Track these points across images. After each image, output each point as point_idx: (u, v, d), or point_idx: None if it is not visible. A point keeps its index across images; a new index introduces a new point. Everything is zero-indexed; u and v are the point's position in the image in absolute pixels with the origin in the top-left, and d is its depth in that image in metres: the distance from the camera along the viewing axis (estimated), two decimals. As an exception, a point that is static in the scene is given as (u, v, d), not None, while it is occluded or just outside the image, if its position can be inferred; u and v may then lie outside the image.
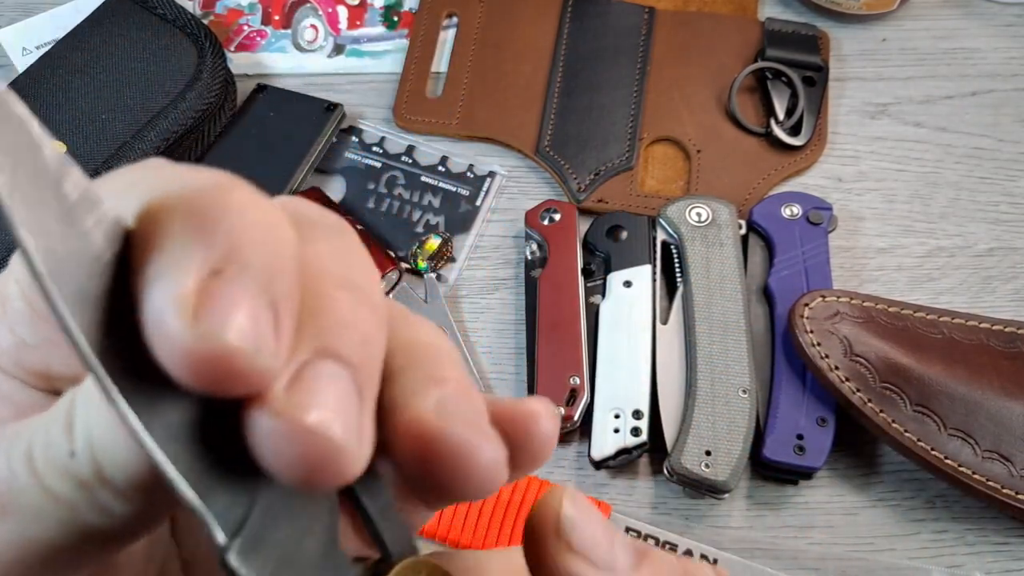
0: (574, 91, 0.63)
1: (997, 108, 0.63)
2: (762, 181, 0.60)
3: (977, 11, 0.66)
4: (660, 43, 0.64)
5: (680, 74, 0.63)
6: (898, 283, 0.57)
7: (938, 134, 0.62)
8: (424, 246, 0.58)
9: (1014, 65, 0.64)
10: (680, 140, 0.61)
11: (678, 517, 0.51)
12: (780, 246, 0.55)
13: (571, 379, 0.52)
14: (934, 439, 0.48)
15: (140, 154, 0.56)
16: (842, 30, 0.66)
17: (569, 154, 0.61)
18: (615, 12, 0.65)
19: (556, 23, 0.65)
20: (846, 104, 0.63)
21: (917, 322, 0.51)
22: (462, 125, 0.62)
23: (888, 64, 0.65)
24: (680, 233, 0.55)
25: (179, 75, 0.59)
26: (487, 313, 0.57)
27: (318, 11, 0.67)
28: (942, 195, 0.60)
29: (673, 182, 0.60)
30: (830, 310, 0.51)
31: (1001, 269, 0.58)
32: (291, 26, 0.67)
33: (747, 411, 0.50)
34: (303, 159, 0.59)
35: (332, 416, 0.15)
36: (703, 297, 0.53)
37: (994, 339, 0.51)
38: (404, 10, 0.67)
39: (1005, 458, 0.48)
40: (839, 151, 0.61)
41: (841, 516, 0.51)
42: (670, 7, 0.66)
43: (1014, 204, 0.60)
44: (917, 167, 0.61)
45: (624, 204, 0.59)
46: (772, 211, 0.57)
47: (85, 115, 0.57)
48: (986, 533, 0.50)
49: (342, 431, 0.15)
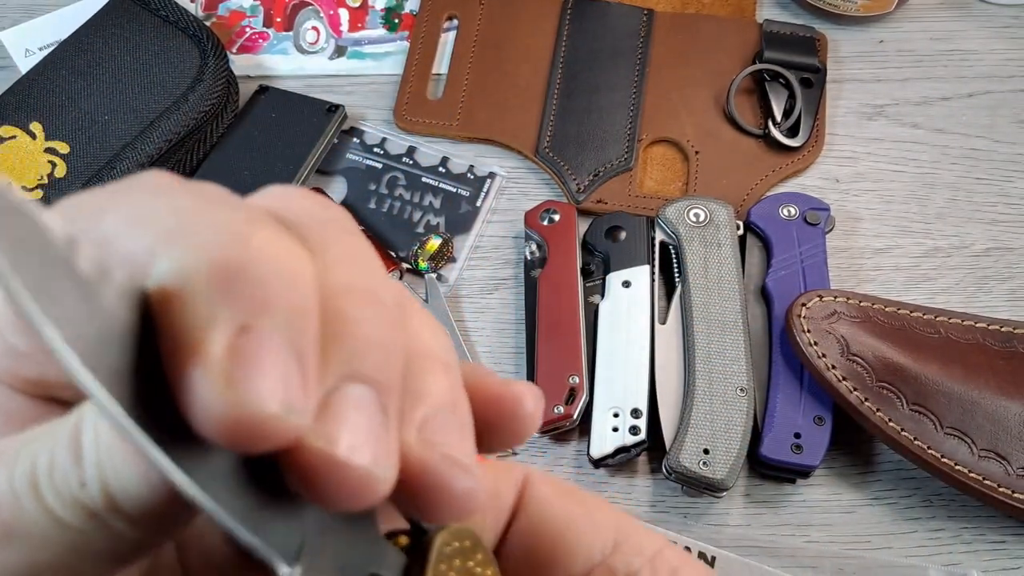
0: (573, 93, 0.63)
1: (994, 109, 0.63)
2: (760, 182, 0.60)
3: (974, 13, 0.67)
4: (659, 45, 0.65)
5: (679, 76, 0.64)
6: (895, 283, 0.58)
7: (935, 135, 0.62)
8: (425, 246, 0.58)
9: (1011, 67, 0.65)
10: (679, 141, 0.62)
11: (676, 515, 0.51)
12: (778, 246, 0.56)
13: (570, 378, 0.52)
14: (931, 438, 0.49)
15: (142, 155, 0.56)
16: (840, 32, 0.66)
17: (568, 155, 0.61)
18: (614, 14, 0.66)
19: (556, 25, 0.66)
20: (843, 105, 0.63)
21: (914, 322, 0.52)
22: (462, 126, 0.63)
23: (885, 66, 0.65)
24: (678, 233, 0.55)
25: (181, 77, 0.59)
26: (487, 313, 0.57)
27: (320, 13, 0.67)
28: (939, 196, 0.60)
29: (672, 183, 0.61)
30: (827, 310, 0.51)
31: (997, 269, 0.58)
32: (293, 28, 0.67)
33: (745, 410, 0.50)
34: (304, 160, 0.59)
35: (362, 443, 0.15)
36: (701, 297, 0.53)
37: (990, 339, 0.52)
38: (405, 12, 0.67)
39: (1001, 457, 0.48)
40: (836, 152, 0.62)
41: (838, 514, 0.51)
42: (669, 9, 0.66)
43: (1010, 205, 0.60)
44: (914, 168, 0.61)
45: (623, 205, 0.59)
46: (770, 212, 0.57)
47: (87, 116, 0.57)
48: (982, 531, 0.50)
49: (371, 458, 0.15)
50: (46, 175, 0.56)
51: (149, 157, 0.57)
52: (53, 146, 0.57)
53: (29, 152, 0.56)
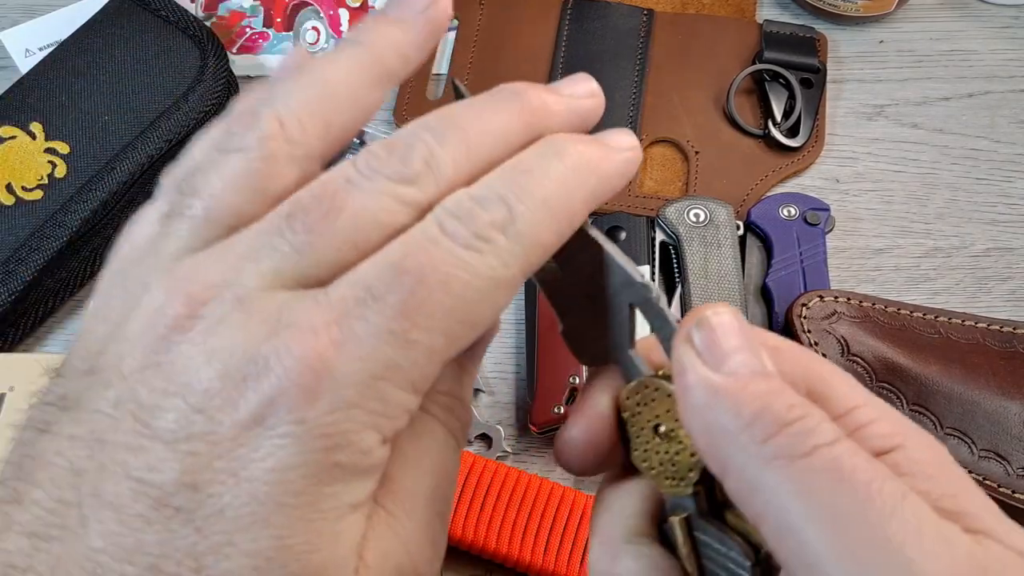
0: (573, 93, 0.63)
1: (994, 110, 0.63)
2: (760, 182, 0.60)
3: (974, 13, 0.67)
4: (659, 45, 0.65)
5: (679, 76, 0.64)
6: (895, 283, 0.58)
7: (935, 135, 0.62)
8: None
9: (1011, 67, 0.65)
10: (679, 141, 0.62)
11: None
12: (778, 246, 0.56)
13: (571, 378, 0.52)
14: (931, 438, 0.49)
15: (142, 155, 0.56)
16: (840, 32, 0.66)
17: (568, 155, 0.61)
18: (614, 14, 0.66)
19: (555, 25, 0.66)
20: (843, 106, 0.63)
21: (914, 322, 0.52)
22: (462, 126, 0.62)
23: (885, 66, 0.65)
24: (678, 233, 0.55)
25: (181, 77, 0.59)
26: (487, 313, 0.57)
27: (320, 13, 0.67)
28: (939, 196, 0.60)
29: (672, 183, 0.61)
30: (827, 310, 0.51)
31: (997, 269, 0.58)
32: (293, 28, 0.67)
33: (745, 410, 0.50)
34: (304, 160, 0.59)
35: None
36: (701, 297, 0.53)
37: (990, 339, 0.52)
38: (405, 12, 0.67)
39: (1001, 457, 0.48)
40: (836, 152, 0.62)
41: (838, 514, 0.51)
42: (669, 9, 0.66)
43: (1010, 205, 0.60)
44: (914, 168, 0.61)
45: (623, 205, 0.59)
46: (770, 212, 0.57)
47: (88, 117, 0.57)
48: (982, 531, 0.50)
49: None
50: (46, 175, 0.56)
51: (149, 157, 0.57)
52: (53, 146, 0.57)
53: (29, 152, 0.56)
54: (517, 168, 0.23)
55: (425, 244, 0.21)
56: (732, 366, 0.21)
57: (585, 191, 0.23)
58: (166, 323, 0.21)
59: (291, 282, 0.21)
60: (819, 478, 0.19)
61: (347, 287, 0.21)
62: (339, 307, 0.21)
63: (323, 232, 0.21)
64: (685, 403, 0.21)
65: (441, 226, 0.21)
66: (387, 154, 0.22)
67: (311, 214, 0.21)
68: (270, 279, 0.21)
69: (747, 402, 0.20)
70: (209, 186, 0.22)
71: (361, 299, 0.21)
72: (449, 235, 0.21)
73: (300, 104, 0.23)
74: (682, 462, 0.23)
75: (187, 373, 0.20)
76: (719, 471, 0.21)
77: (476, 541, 0.48)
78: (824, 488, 0.19)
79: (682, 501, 0.23)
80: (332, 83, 0.24)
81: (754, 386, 0.21)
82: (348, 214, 0.21)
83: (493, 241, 0.21)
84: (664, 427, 0.24)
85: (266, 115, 0.23)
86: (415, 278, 0.21)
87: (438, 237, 0.21)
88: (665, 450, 0.23)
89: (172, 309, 0.21)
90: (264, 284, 0.21)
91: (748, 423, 0.20)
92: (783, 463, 0.19)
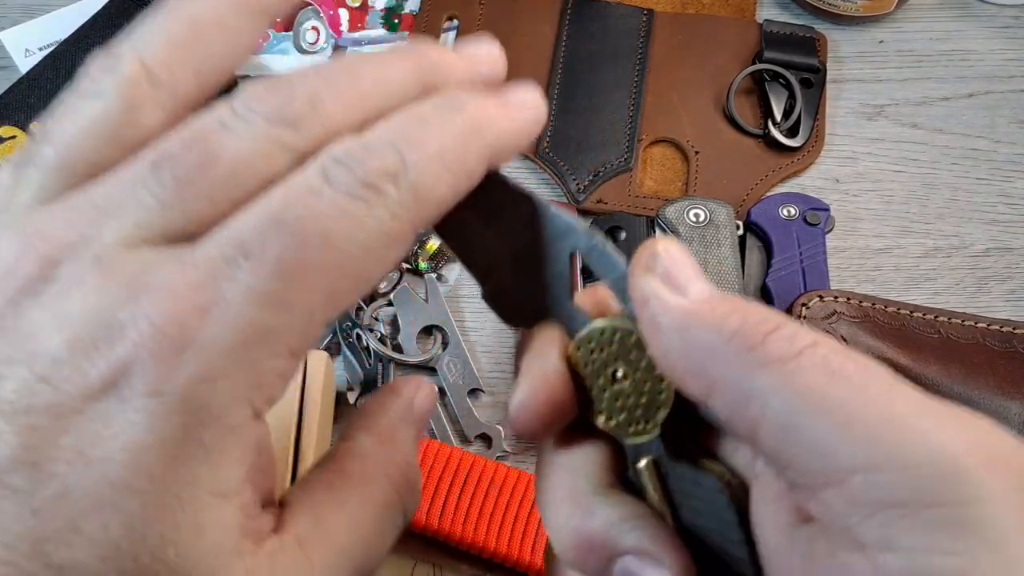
0: (573, 93, 0.63)
1: (994, 109, 0.63)
2: (760, 182, 0.60)
3: (974, 13, 0.67)
4: (659, 45, 0.65)
5: (679, 76, 0.64)
6: (895, 283, 0.58)
7: (935, 135, 0.62)
8: (425, 246, 0.58)
9: (1011, 67, 0.65)
10: (679, 141, 0.62)
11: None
12: (778, 246, 0.56)
13: (570, 378, 0.52)
14: (930, 438, 0.49)
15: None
16: (840, 32, 0.66)
17: (568, 155, 0.61)
18: (614, 14, 0.66)
19: (555, 25, 0.66)
20: (843, 105, 0.63)
21: (914, 322, 0.52)
22: (462, 126, 0.62)
23: (885, 66, 0.65)
24: (678, 234, 0.55)
25: (181, 77, 0.59)
26: (487, 313, 0.57)
27: (319, 13, 0.67)
28: (939, 196, 0.60)
29: (671, 183, 0.61)
30: (827, 310, 0.51)
31: (997, 269, 0.58)
32: (293, 28, 0.67)
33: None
34: (304, 160, 0.59)
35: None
36: (701, 297, 0.53)
37: (990, 339, 0.52)
38: (405, 12, 0.67)
39: (1001, 457, 0.48)
40: (836, 152, 0.62)
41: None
42: (669, 9, 0.66)
43: (1010, 205, 0.60)
44: (914, 168, 0.61)
45: (623, 205, 0.59)
46: (770, 212, 0.57)
47: (88, 116, 0.57)
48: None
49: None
50: (46, 175, 0.56)
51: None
52: (53, 146, 0.57)
53: (29, 152, 0.56)
54: (412, 118, 0.21)
55: (306, 194, 0.19)
56: (695, 293, 0.21)
57: (482, 146, 0.22)
58: (16, 284, 0.19)
59: (157, 238, 0.19)
60: (813, 374, 0.19)
61: (217, 244, 0.19)
62: (206, 267, 0.19)
63: (192, 182, 0.19)
64: (658, 330, 0.21)
65: (325, 174, 0.19)
66: (268, 93, 0.20)
67: (179, 163, 0.20)
68: (133, 235, 0.19)
69: (726, 317, 0.20)
70: (63, 132, 0.21)
71: (231, 258, 0.19)
72: (333, 184, 0.19)
73: (165, 42, 0.21)
74: (648, 401, 0.23)
75: (34, 339, 0.18)
76: (703, 391, 0.20)
77: (476, 540, 0.48)
78: (820, 383, 0.19)
79: (647, 446, 0.23)
80: (202, 19, 0.22)
81: (725, 305, 0.21)
82: (221, 162, 0.20)
83: (383, 191, 0.20)
84: (623, 370, 0.23)
85: (127, 56, 0.21)
86: (293, 232, 0.19)
87: (320, 186, 0.19)
88: (627, 393, 0.23)
89: (23, 269, 0.19)
90: (126, 241, 0.19)
91: (732, 335, 0.20)
92: (776, 366, 0.19)
